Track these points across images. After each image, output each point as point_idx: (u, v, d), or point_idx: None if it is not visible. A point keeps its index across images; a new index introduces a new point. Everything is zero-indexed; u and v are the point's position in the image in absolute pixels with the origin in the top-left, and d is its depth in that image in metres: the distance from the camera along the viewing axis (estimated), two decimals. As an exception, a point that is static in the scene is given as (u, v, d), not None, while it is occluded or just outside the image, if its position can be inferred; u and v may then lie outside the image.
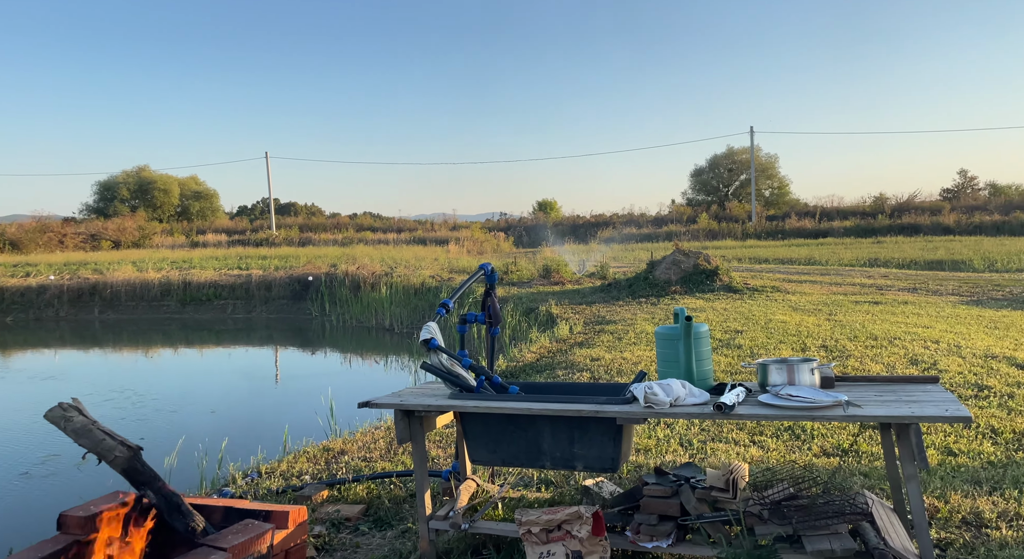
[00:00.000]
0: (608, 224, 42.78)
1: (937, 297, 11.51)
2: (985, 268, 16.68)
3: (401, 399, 3.08)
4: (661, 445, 4.49)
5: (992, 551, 2.84)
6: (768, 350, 7.28)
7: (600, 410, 2.75)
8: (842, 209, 39.86)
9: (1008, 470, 3.70)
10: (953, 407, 2.41)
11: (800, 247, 26.45)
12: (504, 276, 16.90)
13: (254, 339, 15.98)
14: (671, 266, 14.05)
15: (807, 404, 2.55)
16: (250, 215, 57.87)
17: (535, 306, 12.79)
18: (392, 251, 25.83)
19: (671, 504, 2.82)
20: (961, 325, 8.36)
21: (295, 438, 5.59)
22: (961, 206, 35.98)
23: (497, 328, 3.85)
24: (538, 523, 2.69)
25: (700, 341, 3.06)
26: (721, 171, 50.05)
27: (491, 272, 3.76)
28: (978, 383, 5.51)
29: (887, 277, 15.02)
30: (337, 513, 3.55)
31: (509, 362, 8.42)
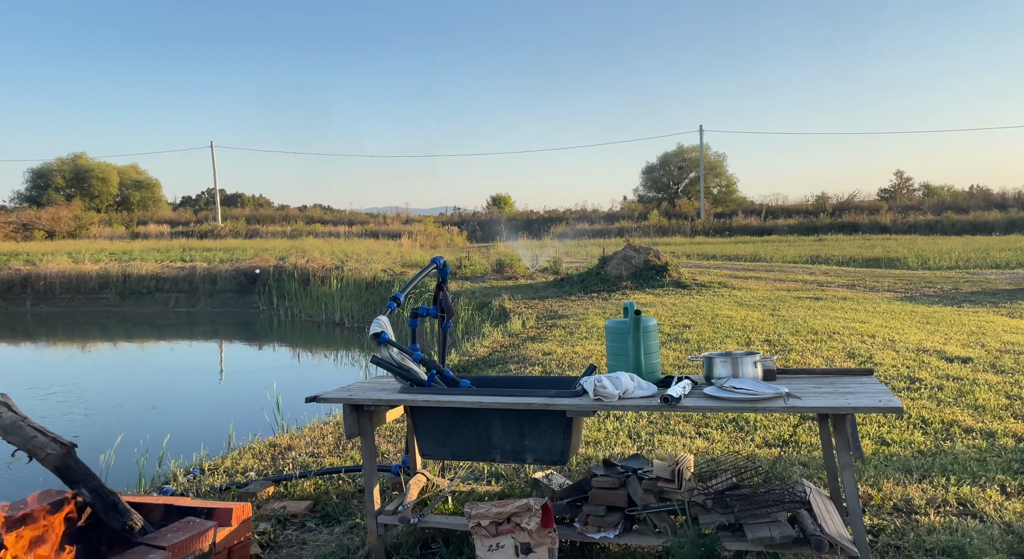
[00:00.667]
0: (562, 220, 43.09)
1: (874, 293, 11.99)
2: (918, 266, 17.46)
3: (350, 394, 3.04)
4: (610, 437, 4.56)
5: (921, 536, 2.98)
6: (715, 344, 7.46)
7: (550, 403, 2.77)
8: (786, 208, 41.09)
9: (937, 459, 3.89)
10: (886, 398, 2.52)
11: (746, 244, 27.17)
12: (457, 271, 16.84)
13: (198, 333, 15.53)
14: (622, 262, 14.25)
15: (749, 396, 2.62)
16: (194, 206, 56.12)
17: (488, 300, 12.79)
18: (343, 244, 25.43)
19: (619, 495, 2.87)
20: (896, 320, 8.73)
21: (240, 434, 5.46)
22: (897, 206, 37.53)
23: (449, 322, 3.83)
24: (488, 516, 2.69)
25: (648, 335, 3.11)
26: (672, 169, 50.97)
27: (443, 266, 3.74)
28: (910, 376, 5.76)
29: (828, 274, 15.57)
30: (283, 510, 3.49)
31: (462, 356, 8.41)
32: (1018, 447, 4.02)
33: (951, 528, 3.04)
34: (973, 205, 35.30)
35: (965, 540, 2.89)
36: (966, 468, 3.71)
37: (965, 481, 3.54)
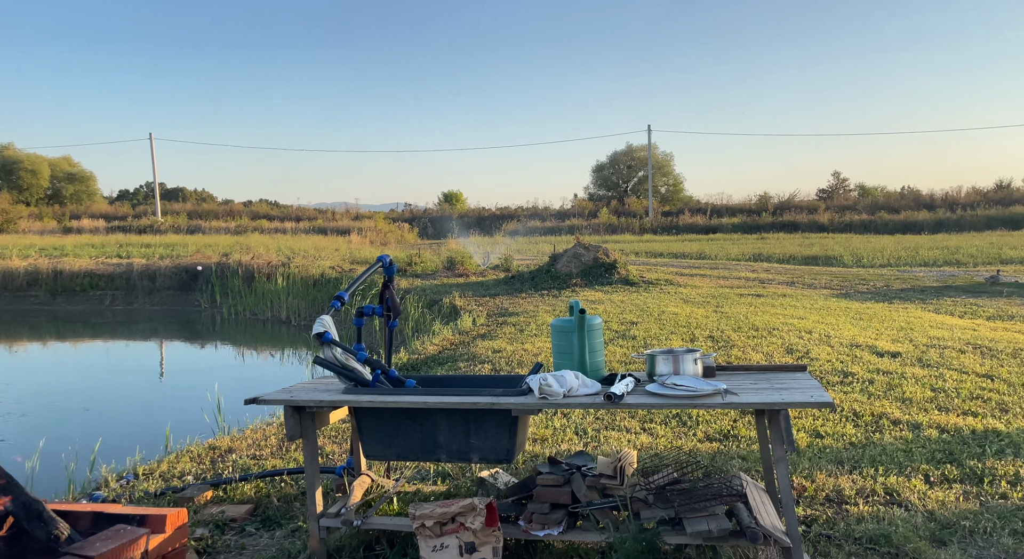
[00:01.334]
0: (513, 217, 43.19)
1: (812, 290, 12.43)
2: (853, 263, 18.18)
3: (291, 395, 2.98)
4: (557, 435, 4.60)
5: (850, 525, 3.11)
6: (661, 341, 7.60)
7: (496, 402, 2.77)
8: (730, 207, 42.17)
9: (867, 450, 4.06)
10: (817, 393, 2.61)
11: (692, 242, 27.78)
12: (408, 268, 16.69)
13: (136, 332, 14.96)
14: (572, 259, 14.38)
15: (689, 393, 2.68)
16: (132, 200, 53.99)
17: (439, 298, 12.72)
18: (290, 240, 24.87)
19: (563, 492, 2.90)
20: (831, 316, 9.07)
21: (178, 437, 5.29)
22: (834, 206, 38.95)
23: (395, 321, 3.79)
24: (432, 516, 2.68)
25: (593, 333, 3.15)
26: (621, 168, 51.65)
27: (389, 264, 3.70)
28: (844, 370, 6.00)
29: (769, 271, 16.06)
30: (222, 514, 3.40)
31: (411, 355, 8.34)
32: (941, 438, 4.23)
33: (878, 517, 3.18)
34: (904, 205, 36.95)
35: (891, 528, 3.03)
36: (893, 459, 3.89)
37: (892, 471, 3.70)
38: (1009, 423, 4.48)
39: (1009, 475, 3.60)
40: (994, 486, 3.48)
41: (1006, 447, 4.01)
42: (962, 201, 36.47)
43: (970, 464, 3.75)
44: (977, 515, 3.16)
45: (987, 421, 4.52)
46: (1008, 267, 15.49)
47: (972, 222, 31.12)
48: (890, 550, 2.88)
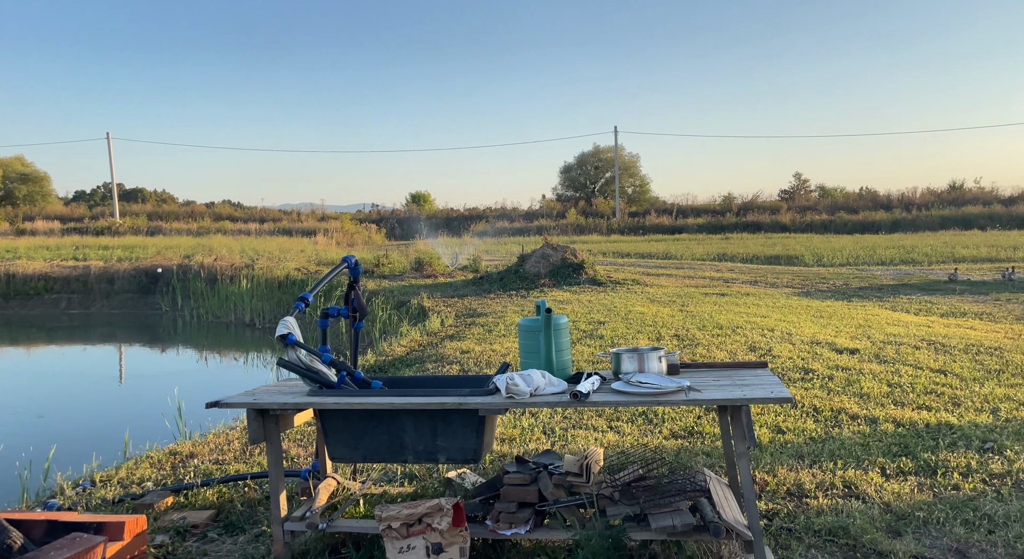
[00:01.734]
0: (481, 217, 43.16)
1: (774, 289, 12.68)
2: (814, 263, 18.59)
3: (254, 398, 2.94)
4: (525, 434, 4.61)
5: (810, 518, 3.18)
6: (627, 340, 7.67)
7: (463, 402, 2.77)
8: (696, 207, 42.78)
9: (826, 444, 4.16)
10: (778, 389, 2.67)
11: (658, 242, 28.11)
12: (375, 269, 16.56)
13: (93, 336, 14.55)
14: (540, 260, 14.43)
15: (654, 390, 2.71)
16: (89, 201, 52.50)
17: (407, 299, 12.65)
18: (254, 242, 24.47)
19: (530, 491, 2.91)
20: (793, 314, 9.27)
21: (137, 443, 5.16)
22: (796, 206, 39.80)
23: (361, 322, 3.76)
24: (398, 518, 2.67)
25: (559, 333, 3.17)
26: (588, 169, 51.99)
27: (355, 265, 3.67)
28: (804, 367, 6.14)
29: (733, 271, 16.33)
30: (183, 520, 3.33)
31: (378, 356, 8.28)
32: (897, 432, 4.36)
33: (837, 509, 3.26)
34: (862, 206, 37.94)
35: (849, 520, 3.11)
36: (851, 453, 3.99)
37: (850, 465, 3.80)
38: (961, 416, 4.64)
39: (961, 467, 3.72)
40: (947, 478, 3.60)
41: (958, 440, 4.15)
42: (917, 202, 37.59)
43: (924, 457, 3.87)
44: (931, 506, 3.26)
45: (940, 415, 4.67)
46: (961, 265, 16.01)
47: (927, 222, 32.11)
48: (848, 541, 2.96)
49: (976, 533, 3.00)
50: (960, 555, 2.85)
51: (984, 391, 5.23)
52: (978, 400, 5.01)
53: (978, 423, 4.46)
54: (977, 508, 3.21)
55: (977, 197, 37.20)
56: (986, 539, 2.95)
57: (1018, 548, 2.86)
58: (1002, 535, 2.97)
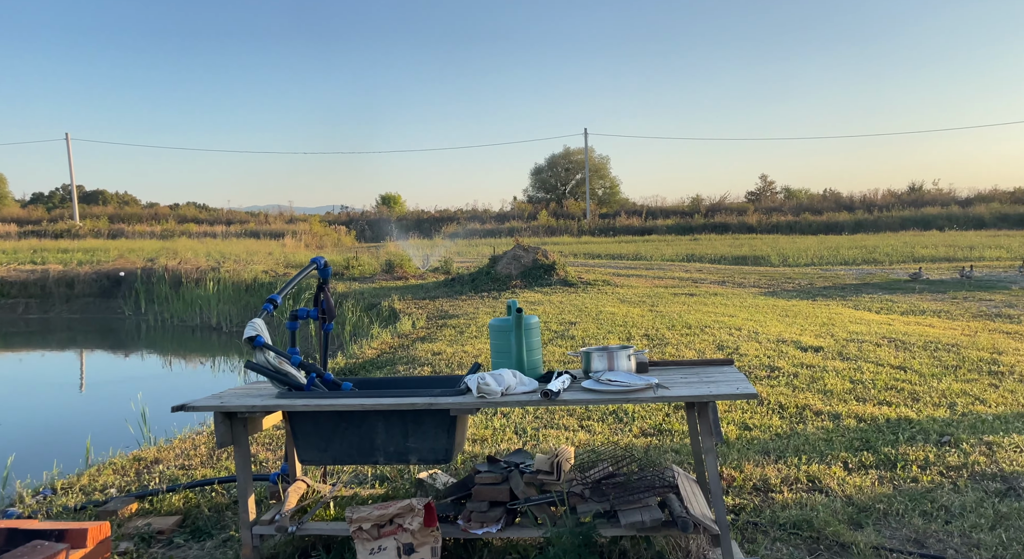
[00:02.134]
0: (453, 219, 43.06)
1: (741, 289, 12.89)
2: (780, 263, 18.95)
3: (222, 400, 2.90)
4: (497, 434, 4.62)
5: (776, 512, 3.25)
6: (598, 339, 7.74)
7: (434, 402, 2.77)
8: (665, 208, 43.27)
9: (791, 440, 4.25)
10: (743, 386, 2.72)
11: (629, 243, 28.36)
12: (345, 271, 16.41)
13: (52, 342, 14.17)
14: (512, 261, 14.46)
15: (623, 388, 2.75)
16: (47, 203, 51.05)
17: (377, 301, 12.57)
18: (220, 244, 24.06)
19: (501, 490, 2.92)
20: (759, 314, 9.43)
21: (100, 449, 5.04)
22: (762, 207, 40.51)
23: (331, 324, 3.74)
24: (369, 519, 2.66)
25: (530, 332, 3.19)
26: (559, 170, 52.24)
27: (324, 266, 3.65)
28: (770, 365, 6.26)
29: (701, 271, 16.56)
30: (148, 527, 3.26)
31: (349, 359, 8.21)
32: (859, 427, 4.47)
33: (801, 503, 3.34)
34: (826, 207, 38.77)
35: (813, 513, 3.18)
36: (815, 448, 4.08)
37: (814, 460, 3.89)
38: (920, 411, 4.78)
39: (919, 460, 3.84)
40: (906, 470, 3.70)
41: (917, 434, 4.27)
42: (879, 203, 38.54)
43: (884, 450, 3.98)
44: (891, 498, 3.35)
45: (900, 410, 4.80)
46: (920, 264, 16.46)
47: (888, 223, 32.94)
48: (811, 534, 3.03)
49: (934, 524, 3.10)
50: (918, 545, 2.94)
51: (942, 387, 5.39)
52: (936, 395, 5.16)
53: (936, 418, 4.60)
54: (935, 500, 3.32)
55: (936, 198, 38.29)
56: (943, 529, 3.04)
57: (973, 538, 2.96)
58: (958, 525, 3.07)
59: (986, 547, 2.87)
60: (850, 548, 2.90)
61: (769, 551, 2.91)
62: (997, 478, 3.56)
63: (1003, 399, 5.02)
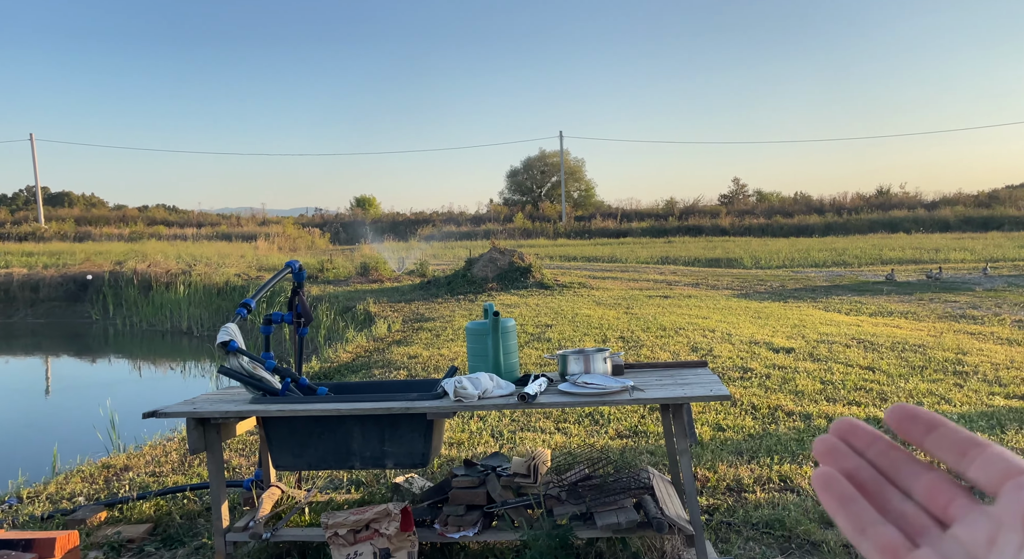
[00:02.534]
0: (428, 222, 42.91)
1: (715, 291, 13.05)
2: (752, 265, 19.22)
3: (194, 407, 2.86)
4: (474, 438, 4.62)
5: (749, 512, 3.30)
6: (574, 342, 7.77)
7: (411, 406, 2.76)
8: (639, 211, 43.62)
9: (763, 441, 4.31)
10: (716, 388, 2.76)
11: (604, 246, 28.53)
12: (319, 274, 16.26)
13: (17, 348, 13.81)
14: (488, 264, 14.46)
15: (599, 391, 2.77)
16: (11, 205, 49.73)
17: (352, 305, 12.48)
18: (191, 247, 23.69)
19: (478, 493, 2.92)
20: (732, 316, 9.56)
21: (67, 457, 4.93)
22: (735, 210, 41.04)
23: (306, 328, 3.71)
24: (345, 524, 2.64)
25: (507, 335, 3.20)
26: (535, 173, 52.36)
27: (299, 270, 3.62)
28: (743, 366, 6.34)
29: (676, 273, 16.73)
30: (118, 535, 3.20)
31: (323, 363, 8.14)
32: (829, 426, 4.55)
33: (774, 503, 3.39)
34: (797, 210, 39.41)
35: (784, 513, 3.24)
36: (787, 448, 4.15)
37: (786, 460, 3.96)
38: (887, 410, 4.88)
39: (887, 457, 3.92)
40: (874, 468, 3.78)
41: (886, 434, 4.36)
42: (848, 206, 39.28)
43: (854, 449, 4.06)
44: (860, 495, 3.42)
45: (869, 410, 4.90)
46: (889, 267, 16.82)
47: (857, 225, 33.58)
48: (783, 533, 3.08)
49: (901, 520, 3.17)
50: (886, 541, 3.00)
51: (909, 386, 5.52)
52: (903, 395, 5.28)
53: (903, 416, 4.71)
54: (902, 496, 3.39)
55: (903, 202, 39.15)
56: (910, 525, 3.11)
57: (938, 533, 3.03)
58: (924, 521, 3.14)
59: (951, 543, 2.94)
60: (820, 546, 2.96)
61: (742, 550, 2.95)
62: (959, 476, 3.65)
63: (967, 398, 5.15)
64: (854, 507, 0.38)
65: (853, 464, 0.40)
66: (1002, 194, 38.14)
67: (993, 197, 37.62)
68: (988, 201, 36.77)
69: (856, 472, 0.40)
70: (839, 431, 0.42)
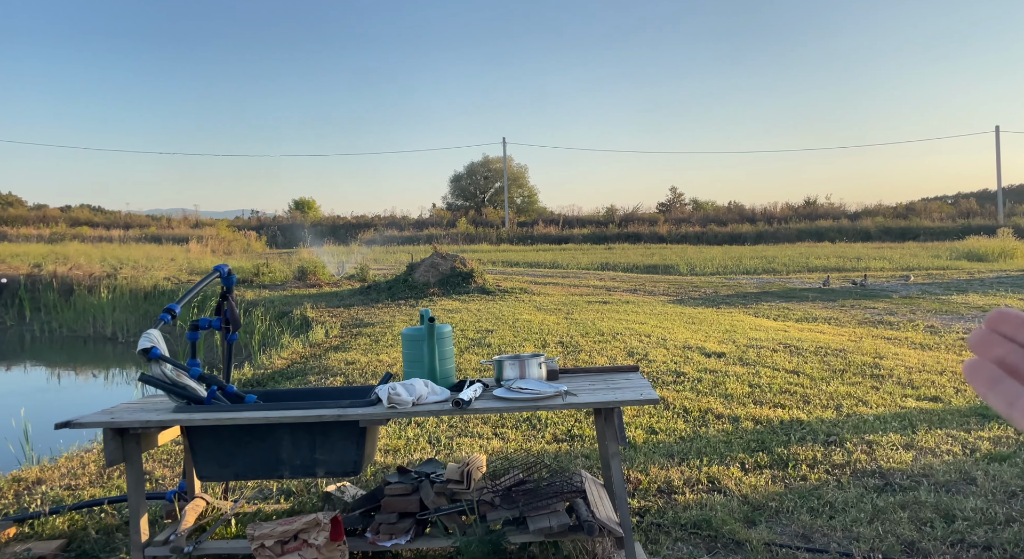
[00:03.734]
0: (370, 226, 42.36)
1: (652, 297, 13.35)
2: (688, 272, 19.75)
3: (112, 416, 2.74)
4: (410, 444, 4.58)
5: (678, 513, 3.39)
6: (515, 347, 7.81)
7: (343, 414, 2.73)
8: (581, 218, 44.23)
9: (694, 443, 4.44)
10: (646, 392, 2.83)
11: (546, 252, 28.78)
12: (255, 278, 15.81)
13: (-80, 354, 12.88)
14: (430, 268, 14.37)
15: (533, 396, 2.80)
16: (-83, 201, 46.46)
17: (289, 310, 12.18)
18: (117, 250, 22.66)
19: (411, 501, 2.90)
20: (668, 321, 9.80)
21: (-28, 472, 4.63)
22: (672, 218, 42.12)
23: (235, 334, 3.60)
24: (272, 535, 2.58)
25: (443, 341, 3.19)
26: (478, 178, 52.41)
27: (228, 274, 3.52)
28: (677, 370, 6.51)
29: (615, 279, 17.03)
30: (27, 552, 3.03)
31: (257, 370, 7.92)
32: (756, 429, 4.72)
33: (702, 504, 3.49)
34: (730, 218, 40.76)
35: (712, 513, 3.34)
36: (716, 450, 4.28)
37: (715, 461, 4.08)
38: (810, 413, 5.10)
39: (808, 459, 4.10)
40: (796, 469, 3.95)
41: (807, 434, 4.56)
42: (778, 215, 40.86)
43: (778, 451, 4.22)
44: (782, 496, 3.56)
45: (793, 412, 5.11)
46: (813, 274, 17.57)
47: (786, 234, 34.98)
48: (710, 533, 3.18)
49: (819, 519, 3.31)
50: (805, 540, 3.14)
51: (830, 389, 5.78)
52: (824, 398, 5.53)
53: (824, 419, 4.93)
54: (821, 496, 3.55)
55: (828, 212, 41.00)
56: (827, 524, 3.26)
57: (854, 531, 3.19)
58: (841, 520, 3.30)
59: (865, 540, 3.09)
60: (744, 545, 3.06)
61: (671, 551, 3.03)
62: (876, 474, 3.85)
63: (883, 400, 5.43)
64: (1001, 387, 0.42)
65: (1004, 350, 0.44)
66: (918, 206, 40.51)
67: (910, 209, 39.90)
68: (905, 212, 38.96)
69: (1006, 356, 0.43)
70: (990, 322, 0.45)
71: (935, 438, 4.43)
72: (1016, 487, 3.58)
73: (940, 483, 3.69)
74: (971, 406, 5.17)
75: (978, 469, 3.84)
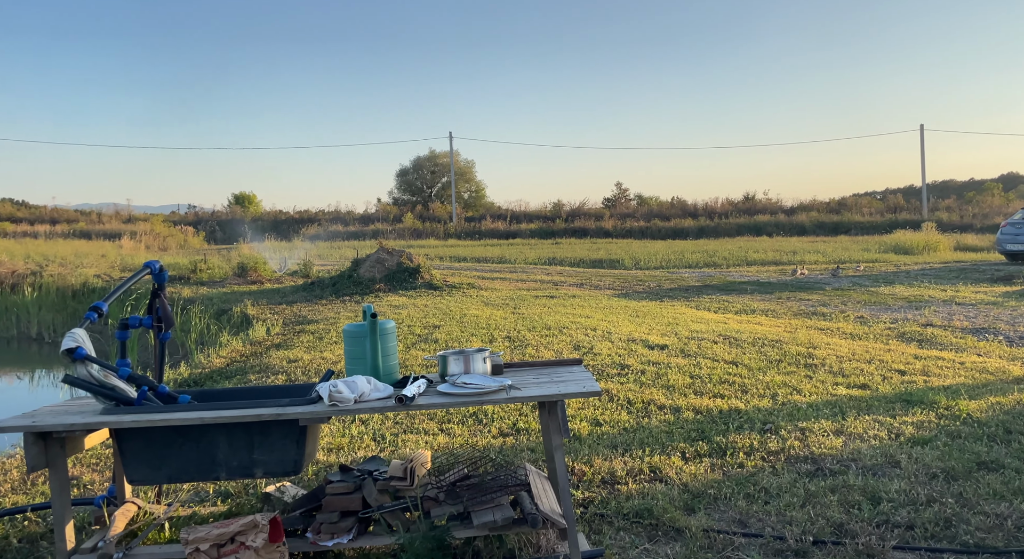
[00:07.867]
0: (313, 221, 41.51)
1: (598, 291, 13.53)
2: (633, 266, 20.08)
3: (34, 419, 2.60)
4: (354, 442, 4.52)
5: (621, 503, 3.45)
6: (462, 342, 7.79)
7: (282, 413, 2.66)
8: (528, 213, 44.42)
9: (637, 434, 4.52)
10: (589, 384, 2.86)
11: (494, 247, 28.80)
12: (192, 275, 15.29)
13: None
14: (376, 264, 14.18)
15: (477, 391, 2.80)
16: None
17: (228, 307, 11.83)
18: (43, 246, 21.55)
19: (353, 499, 2.86)
20: (613, 314, 9.95)
21: None
22: (617, 213, 42.74)
23: (168, 333, 3.47)
24: (208, 539, 2.50)
25: (386, 337, 3.15)
26: (425, 173, 51.99)
27: (160, 270, 3.39)
28: (621, 363, 6.62)
29: (562, 274, 17.18)
30: (-59, 569, 2.86)
31: (193, 369, 7.67)
32: (696, 419, 4.85)
33: (644, 493, 3.56)
34: (674, 213, 41.65)
35: (653, 502, 3.41)
36: (658, 440, 4.38)
37: (656, 451, 4.17)
38: (748, 402, 5.26)
39: (745, 447, 4.23)
40: (734, 457, 4.07)
41: (744, 423, 4.71)
42: (718, 210, 41.96)
43: (717, 439, 4.35)
44: (720, 484, 3.67)
45: (731, 401, 5.27)
46: (752, 268, 18.12)
47: (726, 229, 35.96)
48: (652, 521, 3.24)
49: (755, 505, 3.43)
50: (742, 525, 3.24)
51: (766, 379, 5.97)
52: (761, 387, 5.71)
53: (760, 407, 5.10)
54: (756, 483, 3.67)
55: (766, 207, 42.31)
56: (763, 509, 3.38)
57: (787, 515, 3.31)
58: (775, 505, 3.41)
59: (797, 523, 3.21)
60: (684, 532, 3.14)
61: (614, 540, 3.08)
62: (808, 460, 4.01)
63: (815, 389, 5.65)
64: None
65: None
66: (850, 201, 42.22)
67: (842, 204, 41.55)
68: (838, 208, 40.56)
69: None
70: None
71: (863, 424, 4.63)
72: (937, 469, 3.78)
73: (867, 467, 3.86)
74: (896, 392, 5.44)
75: (902, 453, 4.03)
